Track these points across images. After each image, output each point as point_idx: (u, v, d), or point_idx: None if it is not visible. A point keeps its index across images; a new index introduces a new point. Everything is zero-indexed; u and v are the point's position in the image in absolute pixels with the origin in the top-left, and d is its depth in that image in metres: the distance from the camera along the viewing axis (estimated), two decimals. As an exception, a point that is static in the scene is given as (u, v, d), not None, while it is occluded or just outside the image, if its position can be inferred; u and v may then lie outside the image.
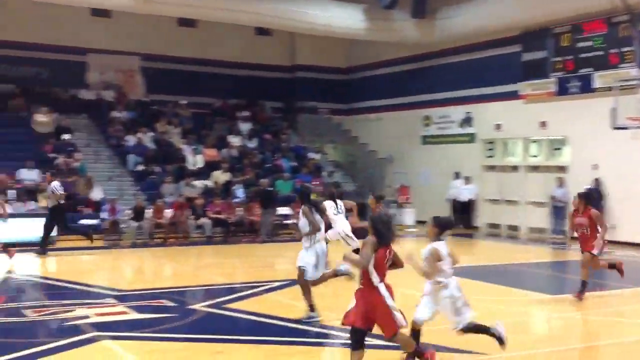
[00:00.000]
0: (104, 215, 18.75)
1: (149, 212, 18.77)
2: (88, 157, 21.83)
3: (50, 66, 24.28)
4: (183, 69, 26.01)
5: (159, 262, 16.32)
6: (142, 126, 23.33)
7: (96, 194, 19.76)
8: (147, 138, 22.99)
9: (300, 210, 9.11)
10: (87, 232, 16.98)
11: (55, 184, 16.47)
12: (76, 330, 8.32)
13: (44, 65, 24.27)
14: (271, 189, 20.76)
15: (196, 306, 9.99)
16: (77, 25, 24.20)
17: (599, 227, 10.44)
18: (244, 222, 20.00)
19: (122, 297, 10.61)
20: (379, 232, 6.16)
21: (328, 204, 11.72)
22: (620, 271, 10.73)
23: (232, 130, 25.08)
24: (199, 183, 21.19)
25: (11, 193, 18.46)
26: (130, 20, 23.99)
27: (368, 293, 6.11)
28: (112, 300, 10.35)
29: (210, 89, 26.33)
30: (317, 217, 9.06)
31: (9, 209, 17.62)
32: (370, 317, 6.11)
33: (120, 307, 9.82)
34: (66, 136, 21.93)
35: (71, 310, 9.48)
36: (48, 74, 24.34)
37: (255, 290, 11.32)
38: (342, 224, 12.08)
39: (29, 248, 16.28)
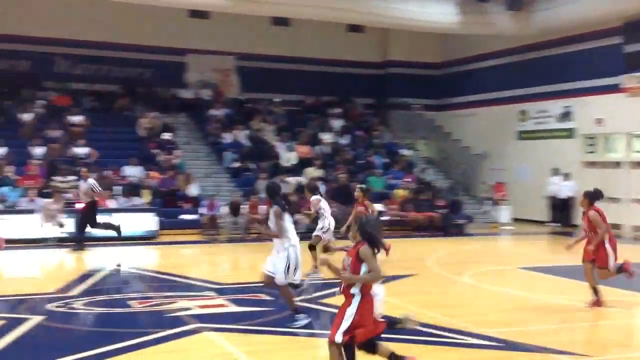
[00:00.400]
0: (202, 210, 19.35)
1: (244, 208, 19.24)
2: (187, 154, 22.61)
3: (152, 67, 25.30)
4: (276, 67, 26.45)
5: (254, 256, 16.62)
6: (237, 124, 23.93)
7: (194, 190, 20.42)
8: (242, 135, 23.55)
9: (271, 211, 8.61)
10: (115, 227, 16.59)
11: (93, 181, 16.49)
12: (179, 321, 8.67)
13: (146, 66, 25.30)
14: (349, 184, 20.74)
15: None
16: (177, 27, 25.07)
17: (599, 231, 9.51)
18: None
19: (221, 290, 10.95)
20: (373, 238, 5.67)
21: (315, 199, 11.98)
22: (629, 272, 9.59)
23: (324, 127, 25.32)
24: (292, 179, 21.52)
25: (116, 189, 19.34)
26: (226, 20, 24.65)
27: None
28: (212, 293, 10.70)
29: (303, 86, 26.70)
30: (287, 219, 8.56)
31: (114, 204, 18.57)
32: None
33: (220, 300, 10.15)
34: (167, 135, 22.76)
35: (173, 302, 9.87)
36: (151, 75, 25.37)
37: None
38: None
39: (134, 242, 17.05)
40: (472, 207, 23.37)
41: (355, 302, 5.64)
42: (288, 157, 22.98)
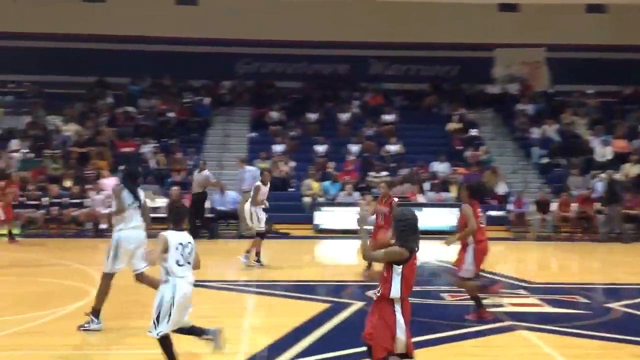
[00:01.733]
0: (509, 207, 19.11)
1: (554, 205, 18.55)
2: (493, 150, 22.49)
3: (459, 63, 25.63)
4: (591, 57, 24.96)
5: (564, 256, 16.06)
6: (547, 118, 23.11)
7: (501, 187, 20.23)
8: (552, 130, 22.69)
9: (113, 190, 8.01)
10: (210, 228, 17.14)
11: (208, 173, 17.31)
12: (493, 317, 8.73)
13: (454, 63, 25.72)
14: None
15: (612, 305, 9.62)
16: (486, 22, 25.03)
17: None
18: None
19: (533, 290, 10.76)
20: (402, 235, 5.13)
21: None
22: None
23: (645, 119, 23.29)
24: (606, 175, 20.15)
25: (426, 185, 20.01)
26: (536, 11, 23.93)
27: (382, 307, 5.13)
28: (524, 292, 10.57)
29: (620, 76, 24.80)
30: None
31: (422, 199, 19.25)
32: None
33: (533, 299, 9.98)
34: (473, 131, 22.88)
35: (485, 298, 9.95)
36: (457, 71, 25.72)
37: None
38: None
39: (443, 236, 17.45)
40: None
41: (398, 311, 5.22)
42: (603, 152, 21.57)
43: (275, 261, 14.44)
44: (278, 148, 21.81)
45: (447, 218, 18.48)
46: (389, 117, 23.43)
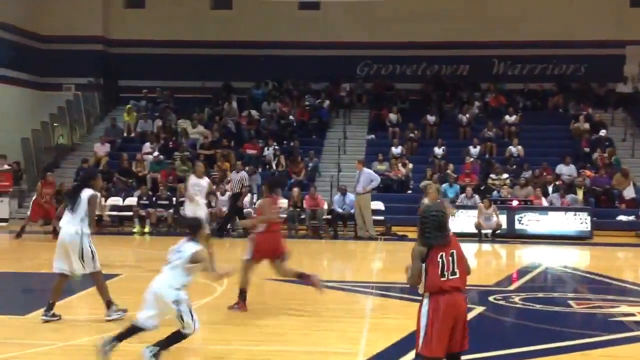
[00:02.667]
0: (641, 212, 18.18)
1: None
2: (624, 152, 21.42)
3: (587, 62, 24.62)
4: None
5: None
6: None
7: (631, 191, 19.23)
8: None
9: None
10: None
11: (244, 174, 17.55)
12: (623, 327, 8.35)
13: (581, 62, 24.73)
14: None
15: None
16: (616, 18, 23.91)
17: None
18: None
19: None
20: (421, 231, 5.17)
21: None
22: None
23: None
24: None
25: (550, 188, 19.36)
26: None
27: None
28: (656, 301, 10.03)
29: None
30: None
31: (546, 203, 18.63)
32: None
33: (666, 309, 9.45)
34: (602, 132, 21.90)
35: (614, 306, 9.53)
36: (585, 70, 24.71)
37: None
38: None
39: (567, 241, 16.88)
40: None
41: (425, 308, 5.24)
42: None
43: (392, 263, 14.49)
44: (396, 150, 21.82)
45: (573, 223, 17.85)
46: (511, 118, 22.86)
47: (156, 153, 21.68)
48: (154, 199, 18.91)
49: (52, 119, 24.35)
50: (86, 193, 7.94)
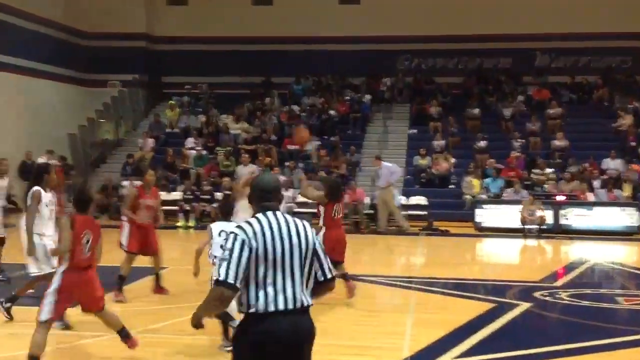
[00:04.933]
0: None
1: None
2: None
3: (633, 54, 24.09)
4: None
5: None
6: None
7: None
8: None
9: None
10: None
11: (255, 168, 17.76)
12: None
13: (627, 54, 24.23)
14: None
15: None
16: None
17: None
18: None
19: None
20: None
21: None
22: None
23: None
24: None
25: (596, 183, 19.01)
26: None
27: None
28: None
29: None
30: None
31: (592, 198, 18.31)
32: None
33: None
34: (650, 125, 21.42)
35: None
36: (631, 62, 24.19)
37: None
38: None
39: (614, 237, 16.57)
40: None
41: None
42: None
43: (434, 258, 14.44)
44: (438, 144, 21.66)
45: (620, 218, 17.52)
46: (555, 112, 22.49)
47: (199, 148, 21.92)
48: (197, 193, 19.14)
49: (97, 114, 24.81)
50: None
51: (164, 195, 19.01)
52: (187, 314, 4.15)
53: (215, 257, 6.78)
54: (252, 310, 3.56)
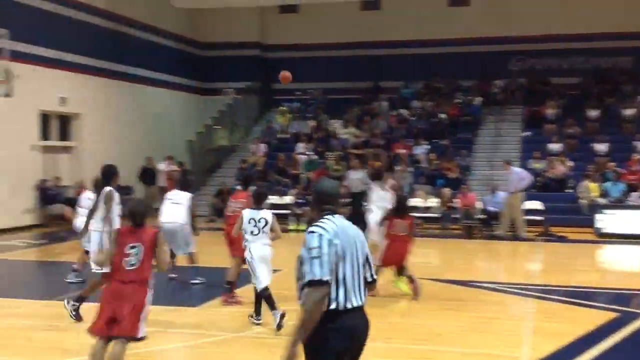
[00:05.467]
0: None
1: None
2: None
3: None
4: None
5: None
6: None
7: None
8: None
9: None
10: None
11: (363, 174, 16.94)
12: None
13: None
14: None
15: None
16: None
17: None
18: None
19: None
20: None
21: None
22: None
23: None
24: None
25: None
26: None
27: None
28: None
29: None
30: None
31: None
32: None
33: None
34: None
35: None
36: None
37: None
38: None
39: None
40: None
41: None
42: None
43: (552, 265, 14.00)
44: (554, 147, 20.95)
45: None
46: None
47: (309, 153, 22.28)
48: (308, 197, 19.46)
49: (213, 121, 25.73)
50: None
51: (276, 200, 19.68)
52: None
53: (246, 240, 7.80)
54: (333, 306, 3.73)
